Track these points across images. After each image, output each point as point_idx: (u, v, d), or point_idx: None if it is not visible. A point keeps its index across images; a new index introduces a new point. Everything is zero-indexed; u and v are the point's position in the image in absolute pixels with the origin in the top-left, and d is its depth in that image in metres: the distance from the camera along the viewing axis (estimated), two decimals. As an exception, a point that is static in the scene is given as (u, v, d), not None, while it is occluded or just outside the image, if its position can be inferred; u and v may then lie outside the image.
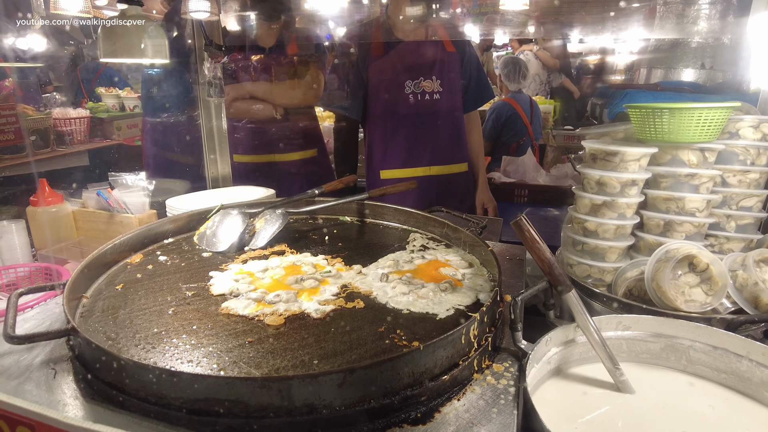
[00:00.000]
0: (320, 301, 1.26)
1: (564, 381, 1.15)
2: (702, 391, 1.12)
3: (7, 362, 1.05)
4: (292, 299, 1.25)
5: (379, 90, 2.67)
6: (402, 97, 2.63)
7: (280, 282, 1.35)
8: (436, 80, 2.61)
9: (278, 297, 1.25)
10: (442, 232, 1.71)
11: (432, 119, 2.66)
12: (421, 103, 2.63)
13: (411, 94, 2.62)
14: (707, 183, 1.34)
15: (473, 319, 1.02)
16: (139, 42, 1.68)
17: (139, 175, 1.98)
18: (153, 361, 1.00)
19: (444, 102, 2.64)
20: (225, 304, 1.23)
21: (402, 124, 2.69)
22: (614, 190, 1.36)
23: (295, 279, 1.36)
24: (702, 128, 1.29)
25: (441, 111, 2.65)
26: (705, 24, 1.83)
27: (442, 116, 2.66)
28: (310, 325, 1.16)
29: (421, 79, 2.60)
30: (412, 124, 2.67)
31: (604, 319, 1.18)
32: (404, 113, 2.67)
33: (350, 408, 0.87)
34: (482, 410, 0.94)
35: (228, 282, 1.35)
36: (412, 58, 2.61)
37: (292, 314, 1.19)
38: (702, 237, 1.39)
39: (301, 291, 1.30)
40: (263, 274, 1.41)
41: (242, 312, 1.19)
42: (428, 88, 2.62)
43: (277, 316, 1.17)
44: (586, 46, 7.05)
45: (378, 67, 2.67)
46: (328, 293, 1.30)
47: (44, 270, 1.82)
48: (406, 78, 2.61)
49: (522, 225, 1.10)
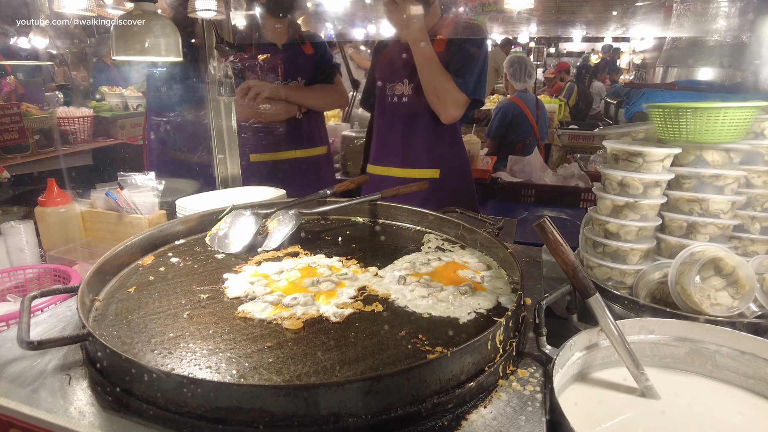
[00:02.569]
0: (338, 304, 1.23)
1: (587, 385, 1.13)
2: (729, 397, 1.10)
3: (20, 368, 1.03)
4: (309, 302, 1.22)
5: (377, 88, 2.68)
6: (383, 98, 2.63)
7: (296, 284, 1.33)
8: (408, 84, 2.53)
9: (295, 300, 1.22)
10: (458, 233, 1.68)
11: (397, 122, 2.60)
12: (390, 105, 2.60)
13: (389, 95, 2.60)
14: (732, 184, 1.31)
15: (499, 324, 1.00)
16: (152, 40, 1.65)
17: (148, 175, 1.96)
18: (170, 367, 0.97)
19: (409, 105, 2.55)
20: (241, 308, 1.20)
21: (380, 125, 2.70)
22: (637, 191, 1.34)
23: (311, 281, 1.33)
24: (728, 128, 1.26)
25: (405, 114, 2.57)
26: (724, 22, 1.80)
27: (406, 119, 2.58)
28: (329, 329, 1.13)
29: (396, 81, 2.56)
30: (384, 126, 2.66)
31: (627, 322, 1.16)
32: (381, 114, 2.68)
33: (376, 416, 0.85)
34: (510, 418, 0.92)
35: (243, 284, 1.33)
36: (394, 58, 2.58)
37: (311, 318, 1.17)
38: (726, 239, 1.36)
39: (318, 294, 1.28)
40: (278, 276, 1.39)
41: (259, 315, 1.17)
42: (398, 90, 2.57)
43: (295, 319, 1.15)
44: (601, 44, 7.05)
45: (377, 65, 2.70)
46: (345, 296, 1.27)
47: (53, 271, 1.79)
48: (388, 79, 2.60)
49: (545, 227, 1.07)
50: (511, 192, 3.96)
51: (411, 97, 2.54)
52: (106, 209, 1.98)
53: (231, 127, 2.32)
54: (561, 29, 3.35)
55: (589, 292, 1.06)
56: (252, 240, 1.59)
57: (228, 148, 2.33)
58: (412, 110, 2.55)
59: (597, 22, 2.32)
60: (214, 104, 2.27)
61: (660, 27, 2.09)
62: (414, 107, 2.53)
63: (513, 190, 3.96)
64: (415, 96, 2.52)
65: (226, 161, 2.35)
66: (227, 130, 2.31)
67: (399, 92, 2.55)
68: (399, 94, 2.55)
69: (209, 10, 2.06)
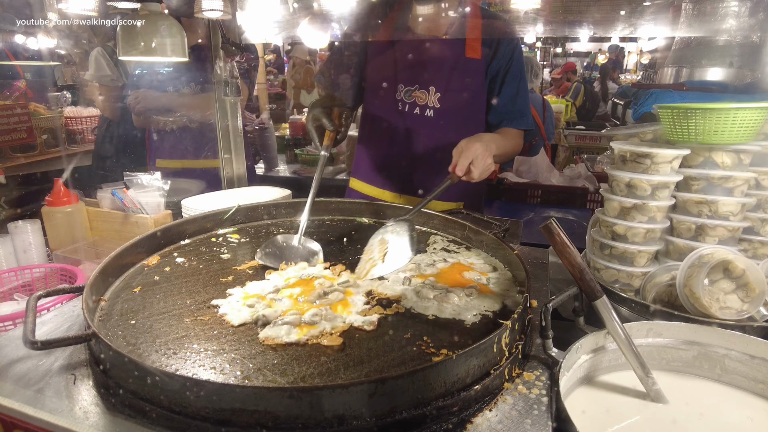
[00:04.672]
0: (359, 311, 1.20)
1: (593, 389, 1.12)
2: (739, 402, 1.09)
3: (26, 367, 1.03)
4: (331, 316, 1.16)
5: (372, 82, 2.14)
6: (390, 102, 2.07)
7: (303, 300, 1.26)
8: (435, 93, 1.98)
9: (317, 316, 1.16)
10: (463, 235, 1.67)
11: (416, 139, 2.06)
12: (407, 116, 2.04)
13: (400, 102, 2.04)
14: (742, 186, 1.30)
15: (505, 327, 0.99)
16: (158, 40, 1.65)
17: (154, 175, 1.96)
18: (175, 368, 0.97)
19: (438, 122, 2.01)
20: (263, 335, 1.09)
21: (383, 134, 2.13)
22: (645, 193, 1.32)
23: (318, 294, 1.27)
24: (738, 129, 1.25)
25: (430, 133, 2.03)
26: (733, 21, 1.78)
27: (429, 139, 2.05)
28: (368, 338, 1.10)
29: (416, 86, 2.01)
30: (391, 138, 2.11)
31: (634, 325, 1.15)
32: (387, 122, 2.10)
33: (381, 419, 0.84)
34: (515, 421, 0.91)
35: (242, 309, 1.21)
36: (413, 56, 2.01)
37: (342, 330, 1.12)
38: (736, 241, 1.35)
39: (333, 305, 1.23)
40: (276, 294, 1.29)
41: (287, 339, 1.08)
42: (421, 100, 2.01)
43: (328, 335, 1.09)
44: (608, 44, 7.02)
45: (376, 54, 2.12)
46: (360, 303, 1.24)
47: (59, 271, 1.80)
48: (400, 80, 2.04)
49: (552, 229, 1.06)
50: (518, 192, 3.95)
51: (439, 113, 2.00)
52: (112, 209, 1.99)
53: (236, 127, 2.31)
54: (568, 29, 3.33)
55: (596, 295, 1.05)
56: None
57: (234, 148, 2.33)
58: (436, 128, 2.02)
59: (604, 22, 2.30)
60: (220, 104, 2.27)
61: (669, 27, 2.07)
62: (444, 125, 2.01)
63: (519, 190, 3.94)
64: (447, 108, 2.00)
65: (232, 161, 2.35)
66: (233, 130, 2.31)
67: (422, 102, 2.01)
68: (422, 105, 2.01)
69: (215, 10, 2.06)
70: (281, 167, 4.48)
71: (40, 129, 4.07)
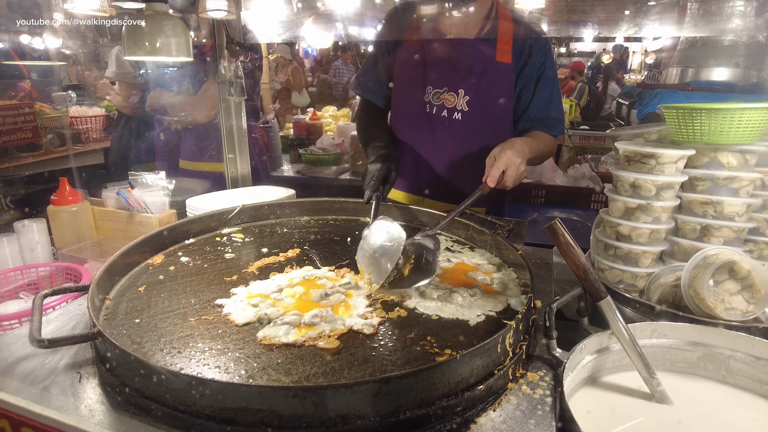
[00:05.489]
0: (360, 314, 1.19)
1: (597, 389, 1.11)
2: (744, 404, 1.08)
3: (32, 365, 1.04)
4: (331, 318, 1.16)
5: (400, 83, 2.12)
6: (418, 104, 2.05)
7: (305, 300, 1.26)
8: (464, 96, 1.96)
9: (317, 317, 1.15)
10: (467, 235, 1.67)
11: (442, 142, 2.05)
12: (434, 119, 2.02)
13: (428, 104, 2.03)
14: (747, 186, 1.29)
15: (509, 327, 0.99)
16: (162, 40, 1.66)
17: (159, 175, 1.97)
18: (179, 367, 0.97)
19: (465, 126, 1.99)
20: (262, 334, 1.10)
21: (409, 136, 2.12)
22: (649, 194, 1.32)
23: (320, 294, 1.27)
24: (743, 129, 1.24)
25: (457, 136, 2.02)
26: (739, 21, 1.76)
27: (456, 142, 2.03)
28: (365, 341, 1.09)
29: (445, 89, 1.99)
30: (418, 141, 2.10)
31: (638, 326, 1.14)
32: (414, 124, 2.09)
33: (384, 419, 0.84)
34: (519, 421, 0.91)
35: (246, 309, 1.21)
36: (442, 58, 2.00)
37: (341, 333, 1.11)
38: (741, 242, 1.34)
39: (335, 307, 1.23)
40: (279, 294, 1.29)
41: (285, 340, 1.08)
42: (449, 103, 1.99)
43: (326, 338, 1.08)
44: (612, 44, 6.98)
45: (405, 55, 2.09)
46: (362, 306, 1.24)
47: (65, 269, 1.81)
48: (429, 82, 2.02)
49: (557, 229, 1.06)
50: (521, 193, 3.94)
51: (467, 116, 1.98)
52: (117, 208, 2.00)
53: (241, 126, 2.32)
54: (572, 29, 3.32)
55: (600, 295, 1.05)
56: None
57: (238, 148, 2.34)
58: (464, 131, 2.00)
59: (609, 22, 2.29)
60: (225, 104, 2.27)
61: (674, 27, 2.06)
62: (471, 129, 2.00)
63: (523, 190, 3.93)
64: (475, 112, 1.98)
65: (236, 161, 2.35)
66: (237, 130, 2.31)
67: (450, 105, 1.99)
68: (450, 108, 1.99)
69: (220, 10, 2.07)
70: (285, 167, 4.49)
71: (45, 129, 4.10)
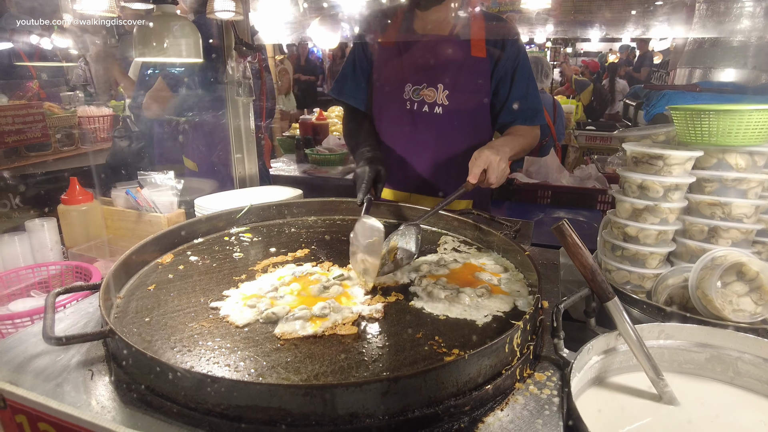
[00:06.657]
0: (362, 302, 1.25)
1: (604, 390, 1.12)
2: (752, 406, 1.08)
3: (45, 362, 1.05)
4: (338, 307, 1.21)
5: (380, 84, 2.15)
6: (399, 102, 2.08)
7: (305, 296, 1.28)
8: (443, 90, 2.01)
9: (326, 308, 1.19)
10: (474, 235, 1.68)
11: (425, 137, 2.09)
12: (416, 115, 2.06)
13: (408, 101, 2.07)
14: (756, 188, 1.29)
15: (517, 327, 1.00)
16: (173, 41, 1.67)
17: (167, 174, 1.98)
18: (190, 365, 0.99)
19: (447, 119, 2.04)
20: (279, 331, 1.11)
21: (392, 134, 2.15)
22: (657, 195, 1.32)
23: (318, 288, 1.30)
24: (752, 131, 1.24)
25: (439, 130, 2.06)
26: (748, 22, 1.76)
27: (439, 137, 2.07)
28: (377, 325, 1.17)
29: (424, 85, 2.03)
30: (400, 138, 2.13)
31: (646, 327, 1.14)
32: (395, 122, 2.13)
33: (393, 417, 0.85)
34: (527, 421, 0.91)
35: (245, 310, 1.21)
36: (420, 55, 2.04)
37: (353, 320, 1.17)
38: (749, 244, 1.34)
39: (337, 298, 1.27)
40: (276, 293, 1.30)
41: (303, 333, 1.11)
42: (429, 98, 2.03)
43: (342, 325, 1.14)
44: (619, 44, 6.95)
45: (382, 56, 2.13)
46: (361, 294, 1.29)
47: (75, 268, 1.83)
48: (408, 79, 2.06)
49: (564, 230, 1.06)
50: (528, 193, 3.94)
51: (448, 110, 2.03)
52: (126, 208, 2.01)
53: (249, 127, 2.33)
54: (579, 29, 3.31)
55: (608, 296, 1.05)
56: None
57: (246, 148, 2.35)
58: (450, 126, 2.05)
59: (615, 22, 2.29)
60: (232, 104, 2.28)
61: (681, 27, 2.05)
62: (452, 122, 2.05)
63: (529, 191, 3.93)
64: (455, 107, 2.02)
65: (244, 161, 2.36)
66: (245, 130, 2.32)
67: (430, 100, 2.03)
68: (431, 103, 2.04)
69: (228, 11, 2.08)
70: (292, 167, 4.50)
71: (54, 128, 4.13)
